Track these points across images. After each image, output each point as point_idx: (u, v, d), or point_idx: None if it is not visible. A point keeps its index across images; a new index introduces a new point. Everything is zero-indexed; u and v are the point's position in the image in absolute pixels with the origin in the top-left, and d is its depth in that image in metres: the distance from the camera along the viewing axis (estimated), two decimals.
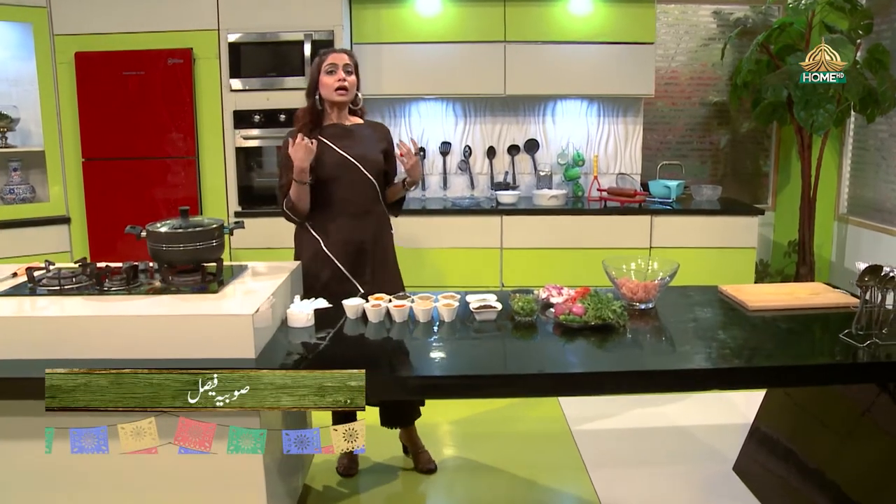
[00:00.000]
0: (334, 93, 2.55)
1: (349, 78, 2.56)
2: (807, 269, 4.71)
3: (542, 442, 3.10)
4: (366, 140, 2.64)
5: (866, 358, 1.90)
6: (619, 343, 2.04)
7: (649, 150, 5.05)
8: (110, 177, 4.10)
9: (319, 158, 2.54)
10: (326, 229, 2.61)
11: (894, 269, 1.98)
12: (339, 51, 2.62)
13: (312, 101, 2.60)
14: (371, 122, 2.74)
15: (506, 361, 2.02)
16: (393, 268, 2.77)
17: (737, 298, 2.40)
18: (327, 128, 2.62)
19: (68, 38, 3.97)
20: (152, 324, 1.95)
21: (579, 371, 1.89)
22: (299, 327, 2.19)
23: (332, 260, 2.60)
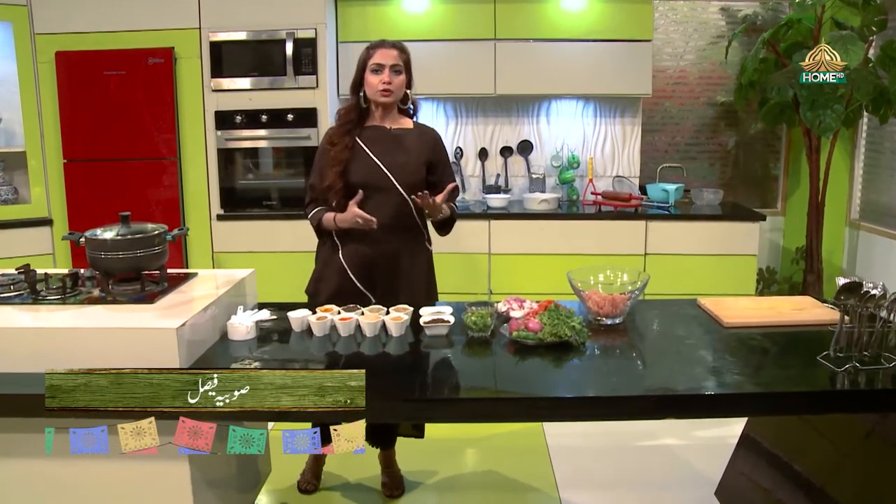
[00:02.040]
0: (378, 94, 2.36)
1: (396, 79, 2.37)
2: (814, 277, 4.49)
3: (516, 457, 2.95)
4: (407, 148, 2.43)
5: (846, 384, 1.72)
6: (573, 364, 1.88)
7: (657, 152, 4.88)
8: (92, 178, 4.03)
9: (351, 162, 2.37)
10: (346, 238, 2.43)
11: (877, 286, 1.80)
12: (388, 46, 2.38)
13: (357, 98, 2.41)
14: (421, 127, 2.52)
15: (435, 382, 1.86)
16: (420, 286, 2.51)
17: (713, 313, 2.23)
18: (368, 129, 2.43)
19: (49, 38, 3.92)
20: (73, 336, 1.85)
21: (514, 396, 1.72)
22: (239, 340, 2.08)
23: (346, 270, 2.42)
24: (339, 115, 2.45)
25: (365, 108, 2.43)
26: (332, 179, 2.35)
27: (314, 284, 2.48)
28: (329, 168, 2.37)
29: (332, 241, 2.46)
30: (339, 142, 2.38)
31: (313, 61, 3.89)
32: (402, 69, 2.40)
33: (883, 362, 1.78)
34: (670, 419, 2.41)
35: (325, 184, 2.37)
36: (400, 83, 2.40)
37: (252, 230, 4.07)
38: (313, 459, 2.70)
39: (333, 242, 2.46)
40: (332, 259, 2.45)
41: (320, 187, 2.40)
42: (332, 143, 2.39)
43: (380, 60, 2.36)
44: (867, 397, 1.71)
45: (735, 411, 1.74)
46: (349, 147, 2.37)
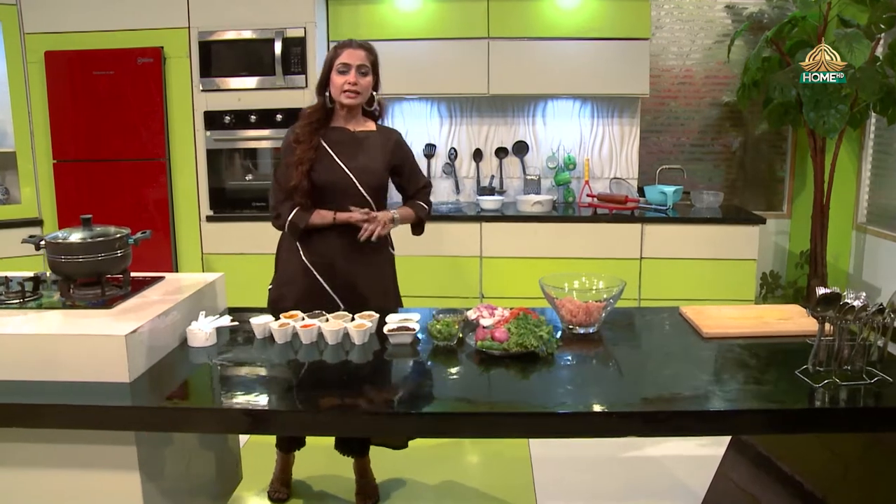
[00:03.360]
0: (342, 95, 2.32)
1: (362, 80, 2.31)
2: (818, 282, 4.35)
3: (497, 466, 2.87)
4: (370, 151, 2.39)
5: (825, 401, 1.62)
6: (538, 376, 1.80)
7: (663, 153, 4.78)
8: (81, 179, 4.01)
9: (316, 163, 2.33)
10: (309, 239, 2.39)
11: (859, 297, 1.70)
12: (355, 46, 2.33)
13: (322, 99, 2.37)
14: (384, 130, 2.47)
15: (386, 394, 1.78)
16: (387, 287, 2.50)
17: (694, 323, 2.14)
18: (332, 130, 2.39)
19: (38, 37, 3.90)
20: (20, 343, 1.80)
21: (467, 411, 1.63)
22: (198, 347, 2.02)
23: (311, 271, 2.38)
24: (304, 115, 2.40)
25: (330, 109, 2.38)
26: (298, 179, 2.31)
27: (278, 289, 2.43)
28: (294, 167, 2.32)
29: (293, 244, 2.41)
30: (304, 140, 2.33)
31: (302, 61, 3.84)
32: (369, 70, 2.35)
33: (865, 378, 1.68)
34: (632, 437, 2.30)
35: (292, 183, 2.32)
36: (366, 84, 2.34)
37: (242, 232, 4.02)
38: (282, 467, 2.64)
39: (293, 245, 2.40)
40: (295, 262, 2.40)
41: (286, 186, 2.35)
42: (298, 140, 2.34)
43: (346, 60, 2.30)
44: (846, 416, 1.61)
45: (699, 430, 1.65)
46: (314, 147, 2.33)
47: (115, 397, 1.71)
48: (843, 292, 1.73)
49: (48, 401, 1.69)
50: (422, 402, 1.70)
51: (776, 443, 2.20)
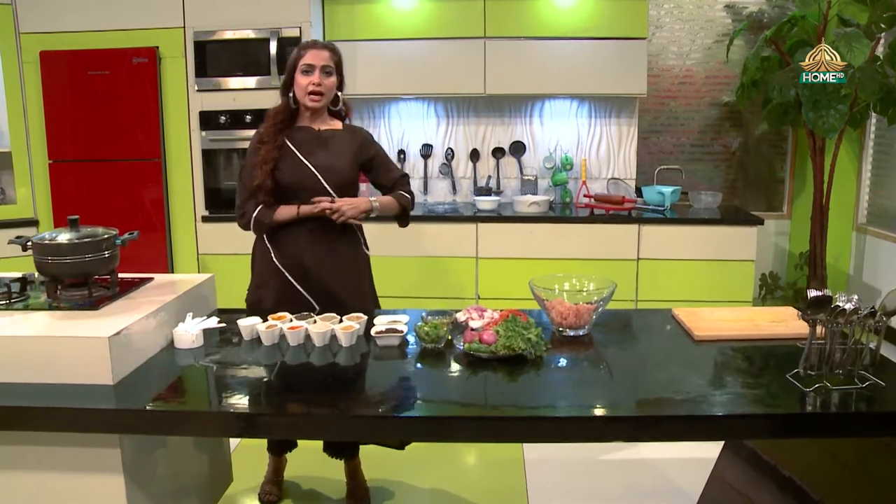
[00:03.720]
0: (307, 97, 2.31)
1: (326, 81, 2.31)
2: (818, 284, 4.32)
3: (490, 468, 2.85)
4: (336, 148, 2.38)
5: (815, 406, 1.59)
6: (525, 379, 1.78)
7: (663, 153, 4.75)
8: (77, 179, 4.00)
9: (280, 163, 2.32)
10: (279, 240, 2.38)
11: (851, 299, 1.67)
12: (319, 46, 2.32)
13: (286, 99, 2.37)
14: (351, 128, 2.47)
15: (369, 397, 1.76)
16: (360, 289, 2.47)
17: (686, 325, 2.11)
18: (297, 130, 2.38)
19: (34, 37, 3.89)
20: (6, 345, 1.78)
21: (450, 415, 1.61)
22: (185, 349, 2.00)
23: (283, 273, 2.37)
24: (269, 116, 2.40)
25: (295, 109, 2.38)
26: (261, 178, 2.30)
27: (254, 292, 2.42)
28: (259, 167, 2.31)
29: (265, 245, 2.40)
30: (269, 140, 2.33)
31: None
32: (333, 71, 2.34)
33: (856, 382, 1.66)
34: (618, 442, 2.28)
35: (255, 182, 2.32)
36: (330, 85, 2.34)
37: (237, 232, 3.97)
38: (273, 469, 2.63)
39: (265, 246, 2.40)
40: (268, 264, 2.39)
41: (250, 186, 2.34)
42: (262, 141, 2.34)
43: (310, 61, 2.30)
44: (836, 421, 1.58)
45: (687, 435, 1.62)
46: (279, 146, 2.32)
47: (98, 400, 1.69)
48: (836, 295, 1.70)
49: (30, 403, 1.67)
50: (406, 405, 1.68)
51: (773, 444, 2.17)
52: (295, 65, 2.31)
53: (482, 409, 1.65)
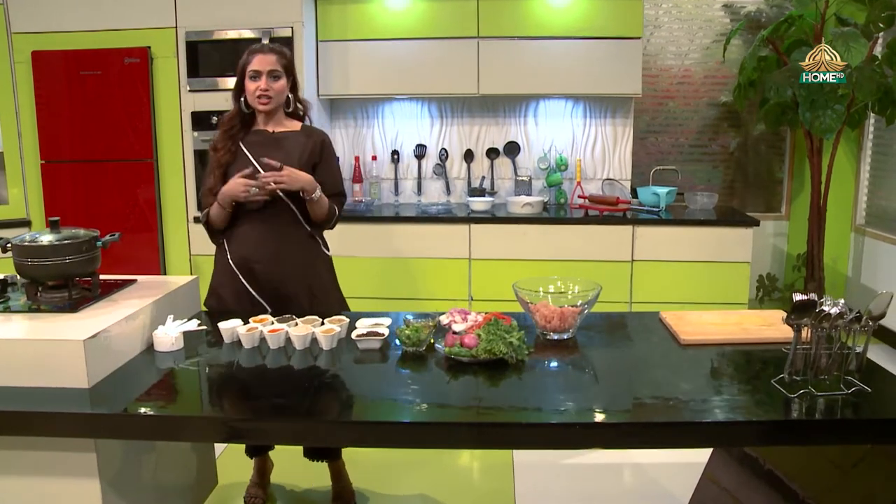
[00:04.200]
0: (256, 101, 2.31)
1: (274, 85, 2.30)
2: (815, 286, 4.29)
3: (478, 471, 2.82)
4: (289, 150, 2.37)
5: (800, 413, 1.56)
6: (506, 384, 1.75)
7: (662, 154, 4.73)
8: (69, 180, 3.99)
9: (233, 166, 2.32)
10: (234, 244, 2.38)
11: (837, 304, 1.64)
12: (266, 51, 2.32)
13: (237, 104, 2.36)
14: (309, 129, 2.45)
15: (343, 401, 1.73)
16: (315, 291, 2.44)
17: (672, 329, 2.08)
18: (252, 134, 2.38)
19: (25, 37, 3.88)
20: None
21: (426, 420, 1.58)
22: (164, 352, 1.98)
23: (238, 277, 2.36)
24: (221, 123, 2.40)
25: (250, 114, 2.38)
26: (212, 183, 2.33)
27: (214, 295, 2.40)
28: (211, 172, 2.34)
29: (223, 249, 2.40)
30: (221, 146, 2.34)
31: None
32: (282, 74, 2.33)
33: (842, 388, 1.63)
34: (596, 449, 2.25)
35: (207, 187, 2.34)
36: (279, 88, 2.33)
37: None
38: (258, 471, 2.60)
39: (223, 248, 2.39)
40: (224, 264, 2.39)
41: (203, 190, 2.37)
42: (215, 148, 2.36)
43: (257, 67, 2.29)
44: (820, 428, 1.55)
45: (667, 442, 1.59)
46: (231, 151, 2.34)
47: (72, 404, 1.67)
48: (822, 299, 1.67)
49: (4, 406, 1.65)
50: (383, 410, 1.65)
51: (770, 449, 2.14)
52: (243, 70, 2.31)
53: (461, 415, 1.63)
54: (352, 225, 3.92)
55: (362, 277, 3.93)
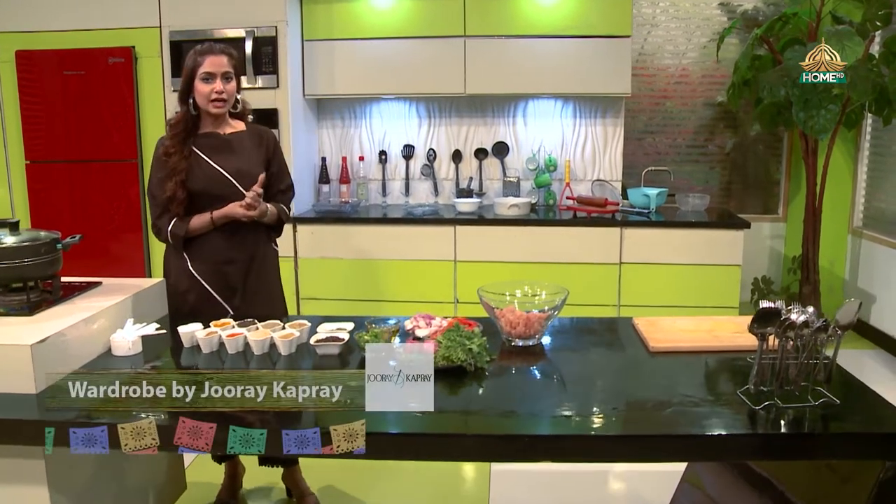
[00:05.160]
0: (210, 104, 2.27)
1: (228, 87, 2.26)
2: (810, 289, 4.21)
3: (451, 479, 2.76)
4: (245, 151, 2.35)
5: (766, 426, 1.50)
6: (462, 393, 1.70)
7: (659, 154, 4.68)
8: (54, 180, 3.97)
9: (190, 172, 2.28)
10: (194, 248, 2.35)
11: (804, 312, 1.58)
12: (217, 52, 2.27)
13: (186, 107, 2.31)
14: (255, 129, 2.43)
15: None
16: (273, 290, 2.48)
17: (643, 335, 2.02)
18: (202, 137, 2.34)
19: (9, 36, 3.86)
20: None
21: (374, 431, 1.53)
22: (122, 356, 1.94)
23: (199, 281, 2.34)
24: (170, 126, 2.34)
25: (196, 116, 2.33)
26: (173, 190, 2.27)
27: (172, 302, 2.36)
28: (168, 179, 2.27)
29: (180, 254, 2.35)
30: (175, 151, 2.28)
31: (273, 60, 3.76)
32: (233, 75, 2.29)
33: (809, 399, 1.56)
34: (544, 462, 2.18)
35: (167, 195, 2.28)
36: (232, 90, 2.29)
37: None
38: (230, 478, 2.56)
39: (181, 255, 2.35)
40: (183, 272, 2.35)
41: (162, 199, 2.30)
42: (168, 153, 2.29)
43: (209, 69, 2.23)
44: (784, 442, 1.49)
45: (617, 456, 1.53)
46: (187, 156, 2.28)
47: (18, 410, 1.64)
48: (789, 307, 1.61)
49: None
50: (328, 419, 1.60)
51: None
52: (193, 72, 2.25)
53: (410, 425, 1.57)
54: (337, 226, 3.88)
55: (347, 279, 3.90)
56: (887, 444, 1.44)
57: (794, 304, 1.62)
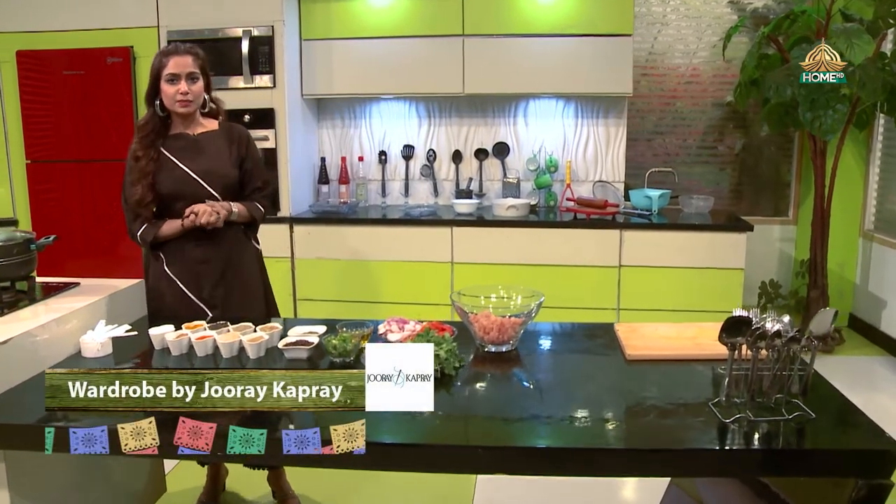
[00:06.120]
0: (175, 105, 2.25)
1: (193, 87, 2.24)
2: (818, 293, 4.10)
3: (436, 483, 2.72)
4: (214, 151, 2.33)
5: (733, 441, 1.43)
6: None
7: (668, 155, 4.60)
8: (54, 180, 3.99)
9: (158, 174, 2.27)
10: (168, 249, 2.34)
11: (779, 320, 1.51)
12: (181, 53, 2.25)
13: (152, 109, 2.29)
14: (227, 126, 2.41)
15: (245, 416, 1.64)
16: (252, 290, 2.44)
17: (622, 342, 1.96)
18: (172, 138, 2.32)
19: (10, 36, 3.89)
20: None
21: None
22: (91, 357, 1.93)
23: (175, 281, 2.32)
24: (138, 129, 2.33)
25: (165, 117, 2.30)
26: (141, 194, 2.25)
27: (151, 304, 2.35)
28: (137, 182, 2.26)
29: (156, 255, 2.34)
30: (143, 155, 2.26)
31: (270, 60, 3.75)
32: (199, 75, 2.26)
33: (783, 413, 1.49)
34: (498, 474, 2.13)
35: (135, 198, 2.26)
36: (198, 90, 2.27)
37: None
38: (212, 480, 2.54)
39: (157, 256, 2.34)
40: (161, 274, 2.33)
41: (131, 202, 2.28)
42: (136, 157, 2.27)
43: (174, 70, 2.21)
44: (751, 458, 1.42)
45: (579, 470, 1.48)
46: (154, 159, 2.27)
47: None
48: (764, 315, 1.55)
49: None
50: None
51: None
52: (158, 73, 2.23)
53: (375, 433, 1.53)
54: (333, 227, 3.86)
55: (343, 280, 3.87)
56: (860, 462, 1.37)
57: (770, 313, 1.56)
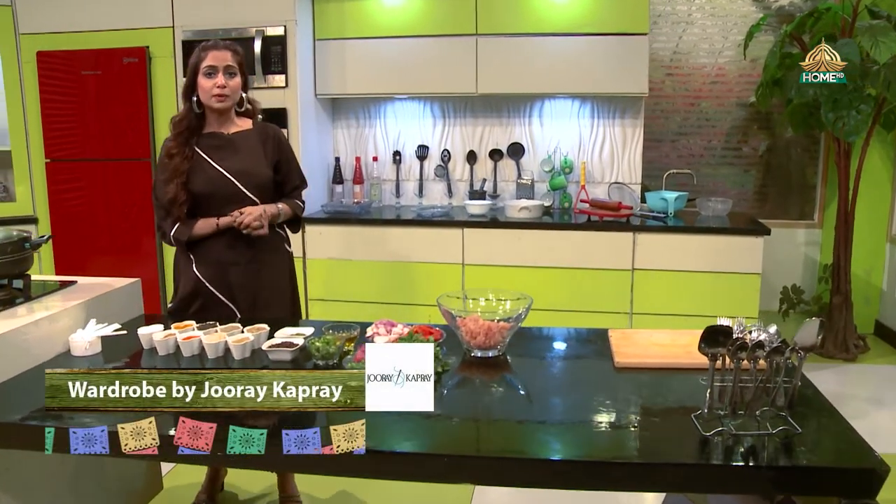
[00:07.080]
0: (212, 99, 2.24)
1: (231, 82, 2.24)
2: (841, 299, 3.97)
3: (438, 486, 2.68)
4: (248, 150, 2.32)
5: (710, 455, 1.38)
6: None
7: (693, 157, 4.52)
8: (72, 178, 4.06)
9: (192, 173, 2.26)
10: (199, 249, 2.32)
11: (764, 330, 1.45)
12: (221, 47, 2.26)
13: (189, 104, 2.29)
14: (262, 126, 2.40)
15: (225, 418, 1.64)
16: (281, 292, 2.41)
17: (613, 349, 1.91)
18: (206, 136, 2.31)
19: (31, 38, 3.96)
20: None
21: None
22: (79, 356, 1.94)
23: (204, 283, 2.31)
24: (173, 125, 2.31)
25: (201, 114, 2.29)
26: (174, 192, 2.23)
27: (178, 301, 2.35)
28: (170, 181, 2.24)
29: (186, 255, 2.33)
30: (177, 153, 2.25)
31: (283, 60, 3.75)
32: (237, 71, 2.26)
33: (767, 427, 1.43)
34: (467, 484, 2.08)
35: (168, 197, 2.24)
36: (235, 86, 2.25)
37: None
38: (210, 479, 2.55)
39: (187, 256, 2.33)
40: (188, 272, 2.32)
41: (164, 201, 2.27)
42: (170, 154, 2.26)
43: (213, 63, 2.21)
44: (730, 475, 1.36)
45: (551, 483, 1.43)
46: (189, 157, 2.25)
47: None
48: (748, 326, 1.49)
49: None
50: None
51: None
52: (197, 68, 2.23)
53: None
54: (345, 227, 3.86)
55: (355, 281, 3.86)
56: (844, 481, 1.30)
57: (757, 323, 1.50)
